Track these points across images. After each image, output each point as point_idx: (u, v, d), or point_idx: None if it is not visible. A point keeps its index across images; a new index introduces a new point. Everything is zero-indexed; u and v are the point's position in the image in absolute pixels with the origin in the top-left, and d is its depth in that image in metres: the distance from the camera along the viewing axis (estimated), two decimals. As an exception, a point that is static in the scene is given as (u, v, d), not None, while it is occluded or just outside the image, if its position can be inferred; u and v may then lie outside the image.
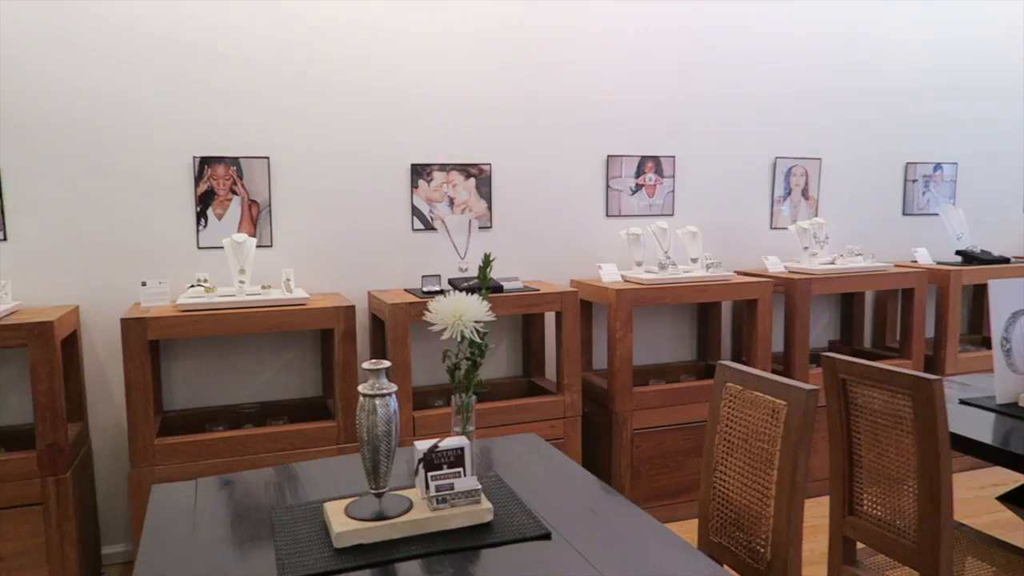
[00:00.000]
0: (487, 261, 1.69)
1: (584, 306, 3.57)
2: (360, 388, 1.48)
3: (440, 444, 1.54)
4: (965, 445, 2.03)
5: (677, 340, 3.87)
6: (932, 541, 1.76)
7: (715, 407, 1.90)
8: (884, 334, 4.18)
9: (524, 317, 3.54)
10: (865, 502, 1.99)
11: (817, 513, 3.28)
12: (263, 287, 2.95)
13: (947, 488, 1.74)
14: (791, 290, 3.53)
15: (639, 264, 3.49)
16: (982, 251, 4.04)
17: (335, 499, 1.57)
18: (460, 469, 1.54)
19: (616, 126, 3.62)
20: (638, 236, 3.48)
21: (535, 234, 3.55)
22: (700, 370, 3.80)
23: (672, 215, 3.75)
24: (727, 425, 1.86)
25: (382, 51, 3.21)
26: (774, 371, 3.56)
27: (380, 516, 1.46)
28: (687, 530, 3.11)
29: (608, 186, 3.64)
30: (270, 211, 3.12)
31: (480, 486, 1.52)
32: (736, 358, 3.88)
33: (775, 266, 3.74)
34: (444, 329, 1.59)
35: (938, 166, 4.28)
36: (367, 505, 1.50)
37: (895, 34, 4.08)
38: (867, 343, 4.22)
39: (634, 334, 3.66)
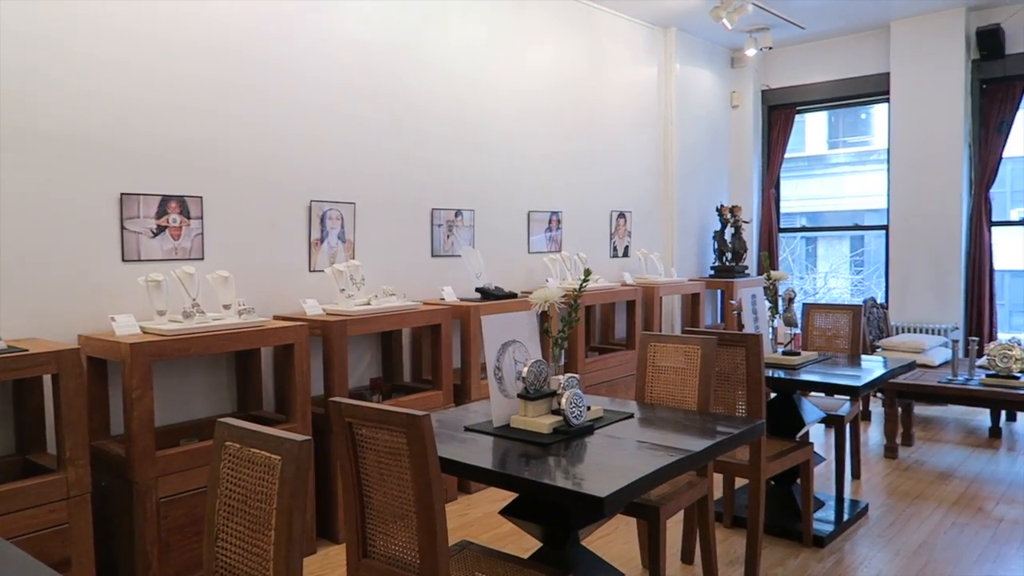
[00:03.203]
0: None
1: (96, 364, 3.12)
2: None
3: None
4: (467, 471, 2.19)
5: (214, 392, 3.61)
6: (432, 569, 1.85)
7: (215, 469, 1.75)
8: (421, 367, 4.47)
9: (14, 383, 2.95)
10: (378, 542, 2.02)
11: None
12: None
13: (441, 516, 1.84)
14: (328, 332, 3.55)
15: (162, 313, 3.18)
16: (496, 287, 4.58)
17: None
18: None
19: (132, 162, 3.26)
20: (159, 282, 3.16)
21: (27, 284, 2.99)
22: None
23: (202, 259, 3.50)
24: (227, 488, 1.73)
25: None
26: (315, 414, 3.53)
27: None
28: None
29: (123, 227, 3.25)
30: None
31: None
32: (279, 405, 3.77)
33: (313, 309, 3.74)
34: None
35: (459, 212, 4.75)
36: None
37: (422, 88, 4.44)
38: (407, 377, 4.46)
39: (160, 391, 3.31)
